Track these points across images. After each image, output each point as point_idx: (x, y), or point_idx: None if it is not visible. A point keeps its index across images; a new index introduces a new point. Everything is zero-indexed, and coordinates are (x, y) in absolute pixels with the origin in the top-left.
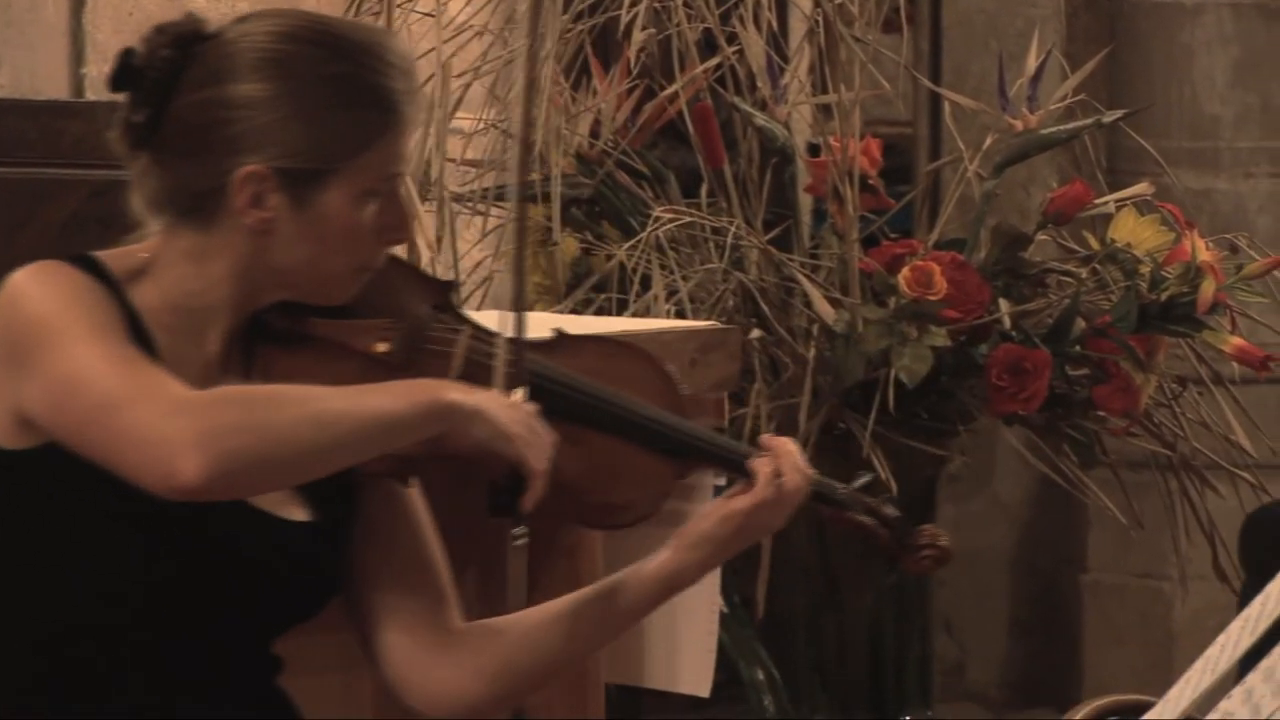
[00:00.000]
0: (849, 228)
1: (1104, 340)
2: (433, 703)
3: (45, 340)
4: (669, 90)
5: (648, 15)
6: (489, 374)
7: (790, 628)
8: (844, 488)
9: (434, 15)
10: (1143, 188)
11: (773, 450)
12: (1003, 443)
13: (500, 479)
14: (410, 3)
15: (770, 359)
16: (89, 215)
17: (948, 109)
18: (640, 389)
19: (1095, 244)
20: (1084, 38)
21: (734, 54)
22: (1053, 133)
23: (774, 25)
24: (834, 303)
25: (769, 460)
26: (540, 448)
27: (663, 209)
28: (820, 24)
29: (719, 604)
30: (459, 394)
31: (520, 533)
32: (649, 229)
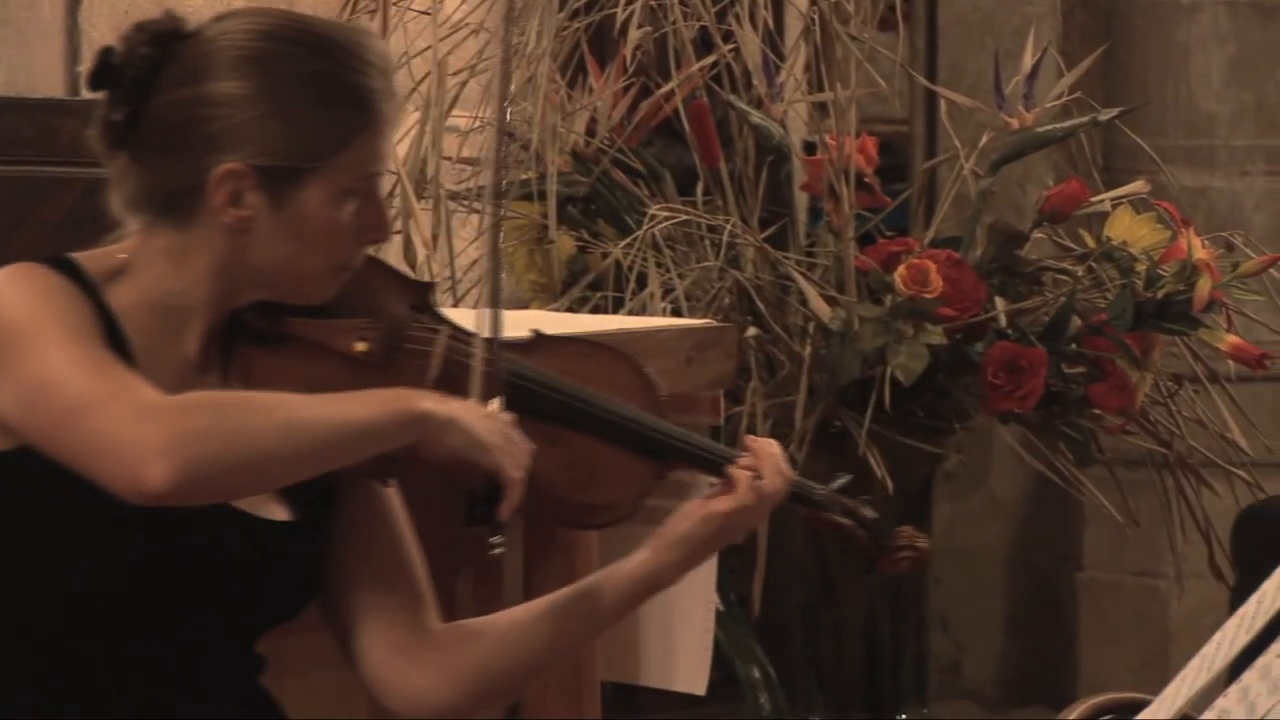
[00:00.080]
0: (845, 226)
1: (1100, 338)
2: (410, 704)
3: (18, 344)
4: (665, 88)
5: (643, 13)
6: (467, 373)
7: (786, 626)
8: (822, 489)
9: (430, 13)
10: (1139, 186)
11: (755, 451)
12: (998, 441)
13: (477, 489)
14: (406, 0)
15: (766, 357)
16: (84, 213)
17: (943, 107)
18: (619, 390)
19: (1091, 242)
20: (1080, 35)
21: (730, 52)
22: (1048, 131)
23: (770, 23)
24: (830, 301)
25: (749, 461)
26: (516, 456)
27: (659, 207)
28: (816, 22)
29: (715, 602)
30: (432, 403)
31: (498, 541)
32: (645, 227)
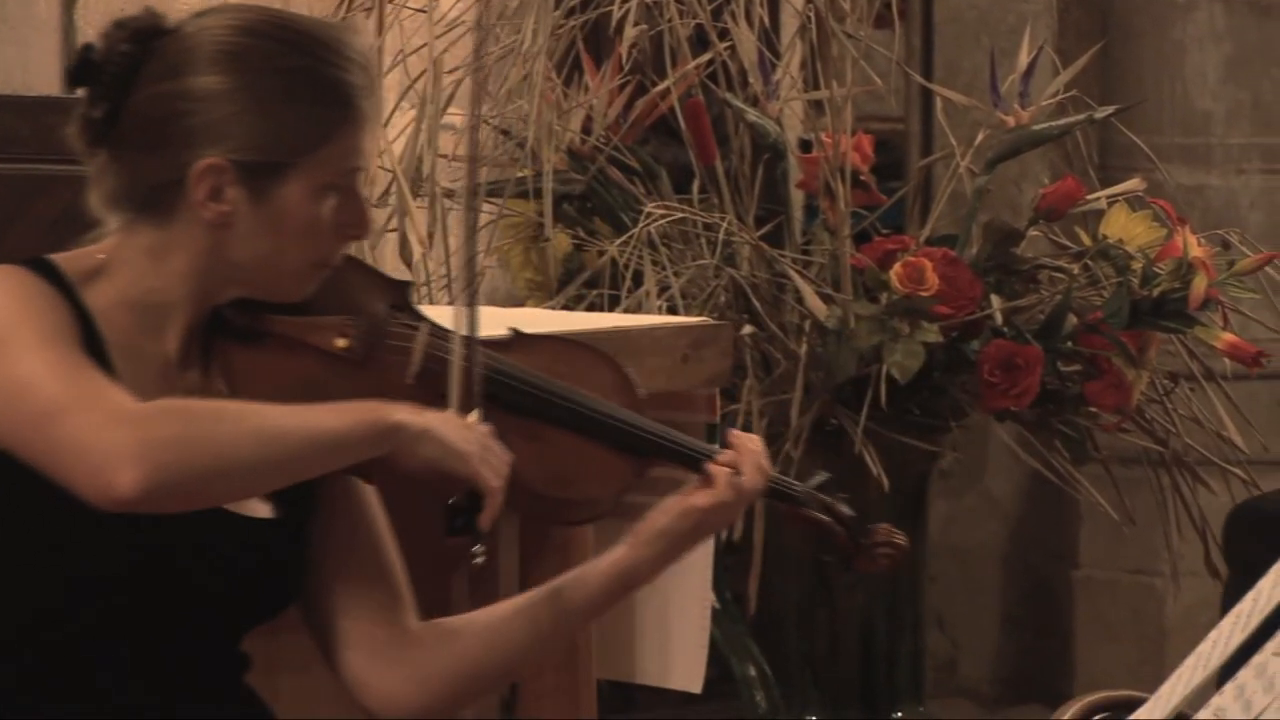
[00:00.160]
0: (841, 224)
1: (1096, 336)
2: (389, 703)
3: None
4: (661, 86)
5: (639, 11)
6: (447, 369)
7: (782, 623)
8: (801, 486)
9: (425, 11)
10: (1134, 184)
11: (736, 446)
12: (994, 439)
13: (458, 500)
14: None
15: (762, 355)
16: (81, 211)
17: (939, 105)
18: (597, 388)
19: (1087, 240)
20: (1075, 33)
21: (726, 50)
22: (1044, 129)
23: (766, 21)
24: (826, 299)
25: (729, 457)
26: (495, 465)
27: (654, 205)
28: (812, 20)
29: (711, 599)
30: (406, 415)
31: (480, 551)
32: (641, 225)
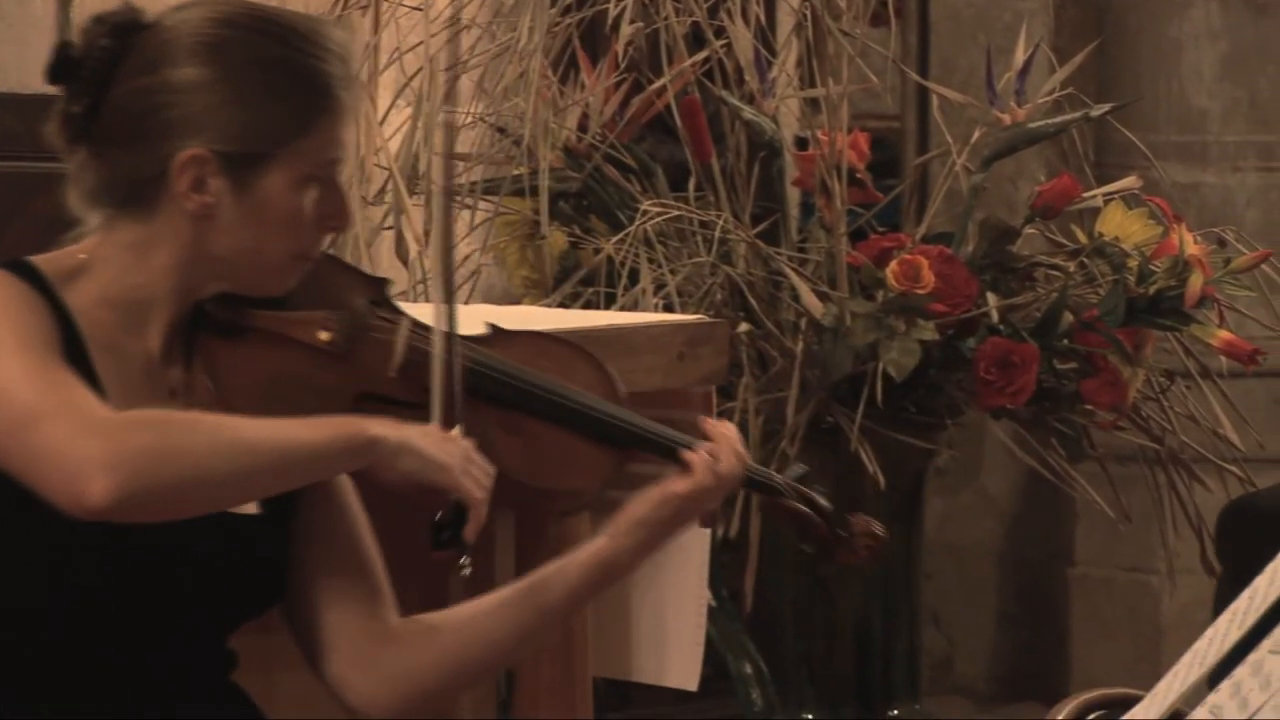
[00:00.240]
0: (837, 221)
1: (1092, 334)
2: (372, 701)
3: None
4: (657, 84)
5: (635, 9)
6: (429, 361)
7: (778, 621)
8: (780, 477)
9: (421, 9)
10: (1130, 181)
11: (711, 434)
12: (990, 437)
13: (443, 515)
14: None
15: (758, 353)
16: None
17: (936, 103)
18: (576, 383)
19: (1083, 238)
20: (1072, 31)
21: (722, 48)
22: (1040, 126)
23: (762, 19)
24: (822, 296)
25: (707, 445)
26: (478, 477)
27: (651, 203)
28: (808, 18)
29: (707, 597)
30: (384, 428)
31: (466, 563)
32: (637, 223)
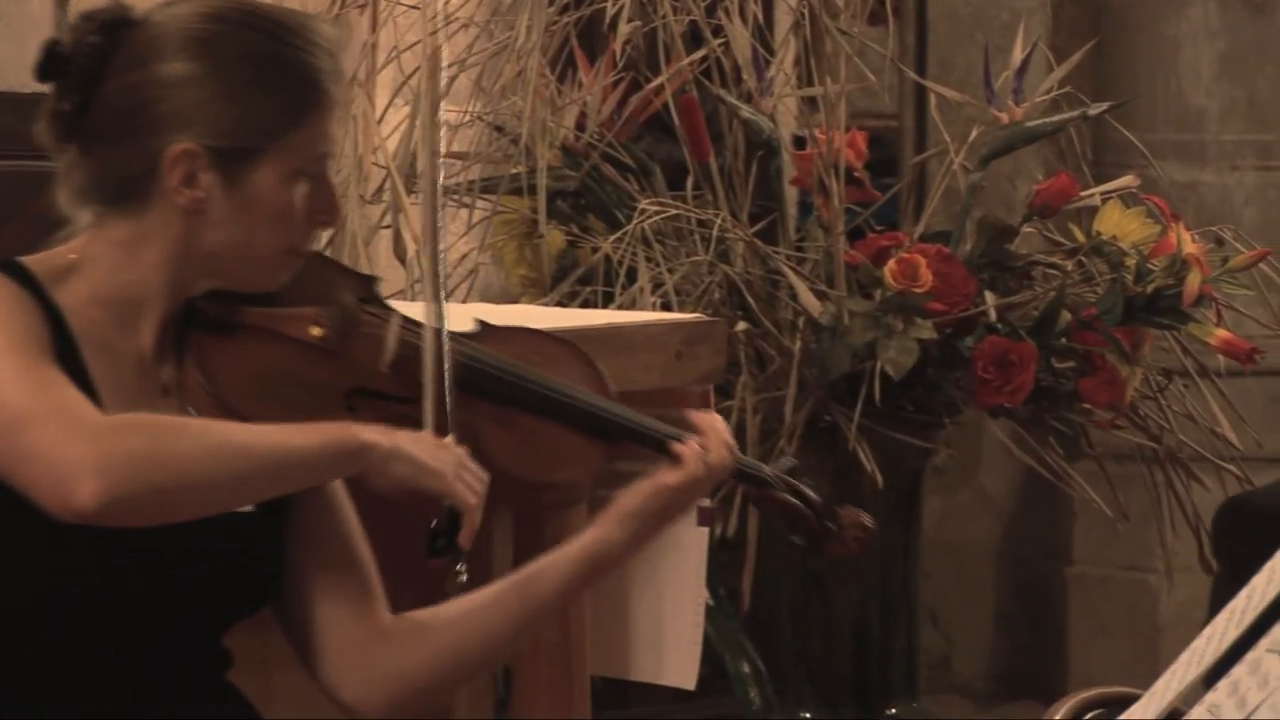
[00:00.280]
0: (834, 220)
1: (1089, 333)
2: (365, 699)
3: None
4: (655, 83)
5: (633, 8)
6: (420, 356)
7: (776, 620)
8: (769, 468)
9: (419, 7)
10: (1128, 180)
11: (700, 425)
12: (988, 435)
13: (438, 522)
14: None
15: (756, 352)
16: None
17: (933, 101)
18: (564, 377)
19: (1081, 237)
20: (1069, 30)
21: (720, 46)
22: (1038, 125)
23: (759, 18)
24: (820, 295)
25: (697, 437)
26: (471, 483)
27: (648, 202)
28: (806, 16)
29: (704, 596)
30: (375, 435)
31: (462, 570)
32: (635, 222)
